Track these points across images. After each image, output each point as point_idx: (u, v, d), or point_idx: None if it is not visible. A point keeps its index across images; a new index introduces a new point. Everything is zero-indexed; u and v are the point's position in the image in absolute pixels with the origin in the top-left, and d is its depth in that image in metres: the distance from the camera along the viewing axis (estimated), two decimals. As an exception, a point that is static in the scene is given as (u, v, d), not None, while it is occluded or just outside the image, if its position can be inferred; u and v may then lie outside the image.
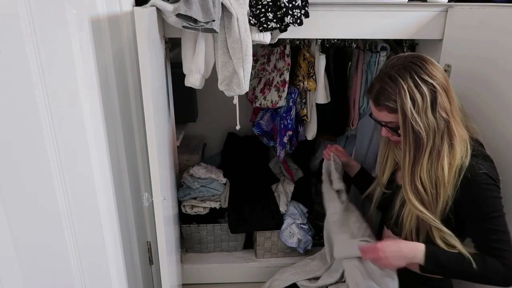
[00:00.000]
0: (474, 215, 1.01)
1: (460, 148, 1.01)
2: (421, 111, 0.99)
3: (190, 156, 2.01)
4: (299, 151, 1.94)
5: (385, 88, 1.03)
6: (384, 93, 1.03)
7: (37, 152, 0.83)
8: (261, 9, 1.25)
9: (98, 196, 1.07)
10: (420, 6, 1.35)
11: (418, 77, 0.99)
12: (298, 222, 1.75)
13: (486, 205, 0.99)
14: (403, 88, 0.99)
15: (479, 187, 0.99)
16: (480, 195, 0.99)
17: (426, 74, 0.99)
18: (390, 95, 1.02)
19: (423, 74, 0.99)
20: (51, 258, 0.89)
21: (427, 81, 0.98)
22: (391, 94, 1.01)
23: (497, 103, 1.16)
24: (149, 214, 1.52)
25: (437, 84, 0.99)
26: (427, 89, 0.98)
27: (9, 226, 0.74)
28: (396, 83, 1.00)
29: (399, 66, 1.02)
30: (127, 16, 1.23)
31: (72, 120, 0.94)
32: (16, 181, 0.77)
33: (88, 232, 1.02)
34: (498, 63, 1.16)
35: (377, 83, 1.06)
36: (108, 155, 1.15)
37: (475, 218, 1.01)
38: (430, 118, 0.99)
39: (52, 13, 0.86)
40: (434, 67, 1.01)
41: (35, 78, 0.80)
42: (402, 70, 1.01)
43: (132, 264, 1.42)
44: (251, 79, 1.74)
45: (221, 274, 1.80)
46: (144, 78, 1.02)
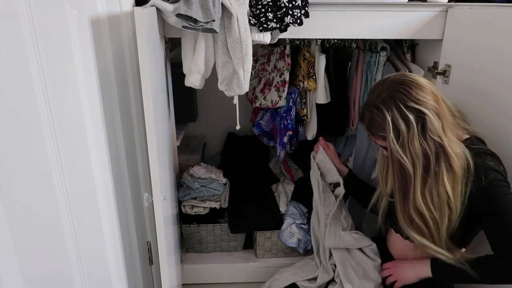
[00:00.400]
0: (490, 213, 1.00)
1: (459, 164, 0.99)
2: (406, 141, 0.97)
3: (190, 156, 2.01)
4: (299, 151, 1.94)
5: (375, 118, 1.03)
6: (375, 124, 1.04)
7: (37, 152, 0.83)
8: (261, 9, 1.25)
9: (98, 196, 1.07)
10: (420, 6, 1.35)
11: (404, 105, 0.97)
12: (298, 222, 1.75)
13: (501, 202, 0.98)
14: (387, 120, 0.98)
15: (492, 186, 0.98)
16: (494, 193, 0.98)
17: (412, 101, 0.97)
18: (381, 125, 1.01)
19: (409, 102, 0.97)
20: (51, 258, 0.89)
21: (414, 107, 0.97)
22: (381, 124, 1.01)
23: (497, 103, 1.16)
24: (149, 214, 1.52)
25: (425, 108, 0.97)
26: (414, 116, 0.96)
27: (9, 226, 0.74)
28: (383, 113, 0.99)
29: (384, 95, 1.01)
30: (127, 16, 1.23)
31: (72, 120, 0.94)
32: (16, 181, 0.77)
33: (88, 232, 1.02)
34: (498, 63, 1.16)
35: (367, 113, 1.06)
36: (108, 155, 1.15)
37: (491, 216, 1.00)
38: (417, 147, 0.97)
39: (52, 13, 0.86)
40: (420, 90, 0.98)
41: (35, 78, 0.80)
42: (387, 100, 0.99)
43: (132, 264, 1.42)
44: (251, 79, 1.74)
45: (221, 274, 1.80)
46: (144, 78, 1.02)
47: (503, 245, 1.00)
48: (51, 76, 0.83)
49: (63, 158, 0.89)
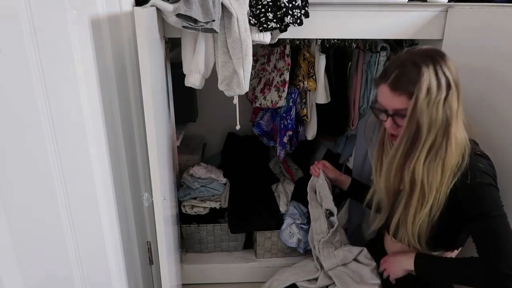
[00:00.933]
0: (476, 215, 1.00)
1: (455, 152, 0.99)
2: (432, 103, 0.96)
3: (190, 156, 2.01)
4: (299, 151, 1.94)
5: (406, 72, 0.99)
6: (404, 78, 0.99)
7: (37, 152, 0.83)
8: (261, 9, 1.25)
9: (98, 196, 1.07)
10: (420, 6, 1.35)
11: (440, 68, 0.97)
12: (298, 222, 1.75)
13: (488, 204, 0.98)
14: (424, 75, 0.96)
15: (480, 188, 0.98)
16: (482, 196, 0.99)
17: (447, 67, 0.97)
18: (412, 80, 0.97)
19: (444, 67, 0.97)
20: (50, 258, 0.89)
21: (446, 75, 0.97)
22: (413, 78, 0.97)
23: (497, 103, 1.17)
24: (149, 214, 1.52)
25: (453, 81, 0.97)
26: (445, 82, 0.96)
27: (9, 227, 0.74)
28: (419, 69, 0.97)
29: (422, 54, 1.00)
30: (127, 16, 1.23)
31: (72, 120, 0.94)
32: (16, 181, 0.77)
33: (88, 232, 1.02)
34: (498, 63, 1.16)
35: (394, 68, 1.01)
36: (108, 155, 1.15)
37: (477, 219, 1.00)
38: (439, 112, 0.97)
39: (52, 13, 0.86)
40: (452, 64, 0.99)
41: (35, 78, 0.80)
42: (425, 58, 0.98)
43: (132, 264, 1.42)
44: (251, 79, 1.74)
45: (221, 274, 1.80)
46: (144, 78, 1.02)
47: (487, 250, 0.99)
48: (51, 76, 0.83)
49: (63, 158, 0.89)
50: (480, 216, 0.99)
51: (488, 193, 0.99)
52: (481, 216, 0.98)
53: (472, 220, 1.01)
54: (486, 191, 0.99)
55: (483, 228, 0.99)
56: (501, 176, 1.04)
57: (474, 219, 1.00)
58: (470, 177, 0.98)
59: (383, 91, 1.04)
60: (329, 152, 2.00)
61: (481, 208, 0.99)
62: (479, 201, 0.99)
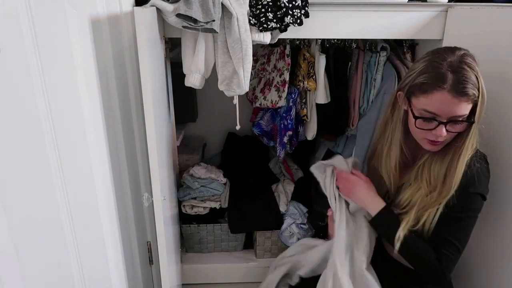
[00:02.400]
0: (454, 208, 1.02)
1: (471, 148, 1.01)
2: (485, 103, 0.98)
3: (190, 156, 2.01)
4: (299, 151, 1.94)
5: (467, 76, 0.93)
6: (469, 81, 0.93)
7: (37, 152, 0.83)
8: (261, 9, 1.25)
9: (98, 196, 1.07)
10: (420, 6, 1.35)
11: (477, 66, 0.97)
12: (298, 222, 1.75)
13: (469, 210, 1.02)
14: (478, 80, 0.95)
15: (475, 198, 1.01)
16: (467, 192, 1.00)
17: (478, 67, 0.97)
18: (475, 83, 0.94)
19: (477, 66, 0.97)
20: (50, 258, 0.89)
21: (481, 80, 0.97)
22: (475, 83, 0.94)
23: (497, 103, 1.16)
24: (149, 214, 1.52)
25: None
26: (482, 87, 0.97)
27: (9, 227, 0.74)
28: (475, 70, 0.95)
29: (466, 55, 0.97)
30: (127, 16, 1.23)
31: (72, 120, 0.94)
32: (16, 181, 0.77)
33: (88, 232, 1.02)
34: (498, 63, 1.15)
35: (450, 74, 0.94)
36: (108, 155, 1.15)
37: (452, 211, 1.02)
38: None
39: (52, 13, 0.86)
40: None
41: (35, 78, 0.80)
42: (471, 59, 0.97)
43: (132, 264, 1.42)
44: (251, 79, 1.74)
45: (221, 274, 1.80)
46: (144, 78, 1.02)
47: (441, 239, 1.03)
48: (51, 76, 0.83)
49: (63, 157, 0.89)
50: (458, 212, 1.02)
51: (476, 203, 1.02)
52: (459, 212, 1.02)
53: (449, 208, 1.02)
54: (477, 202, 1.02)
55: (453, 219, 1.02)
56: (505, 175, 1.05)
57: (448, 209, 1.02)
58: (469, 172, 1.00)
59: (443, 99, 0.95)
60: (329, 152, 2.00)
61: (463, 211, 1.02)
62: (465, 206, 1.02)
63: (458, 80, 0.93)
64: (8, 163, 0.74)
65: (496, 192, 1.11)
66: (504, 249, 1.15)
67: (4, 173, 0.73)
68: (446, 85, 0.94)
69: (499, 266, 1.18)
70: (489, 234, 1.20)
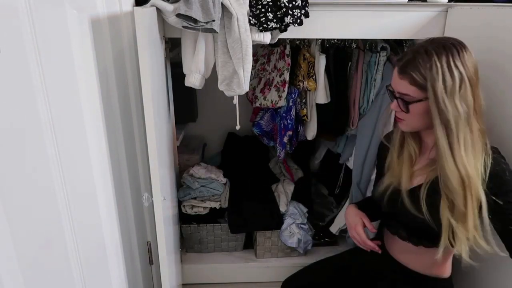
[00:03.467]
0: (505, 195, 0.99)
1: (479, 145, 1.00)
2: (449, 93, 0.96)
3: (190, 156, 2.01)
4: (299, 151, 1.94)
5: (417, 58, 0.99)
6: (413, 63, 1.00)
7: (37, 152, 0.83)
8: (261, 9, 1.25)
9: (98, 196, 1.07)
10: (420, 6, 1.35)
11: (453, 61, 0.96)
12: (298, 222, 1.75)
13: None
14: (436, 65, 0.96)
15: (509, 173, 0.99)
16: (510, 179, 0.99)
17: (460, 61, 0.97)
18: (419, 67, 0.98)
19: (457, 60, 0.97)
20: (50, 258, 0.89)
21: (459, 68, 0.96)
22: (420, 66, 0.98)
23: (497, 104, 1.16)
24: (149, 214, 1.52)
25: (466, 75, 0.97)
26: (457, 75, 0.96)
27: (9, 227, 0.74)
28: (430, 58, 0.97)
29: (439, 43, 1.00)
30: (127, 16, 1.23)
31: (72, 120, 0.94)
32: (16, 182, 0.77)
33: (88, 232, 1.02)
34: (498, 63, 1.16)
35: (410, 53, 1.02)
36: (108, 155, 1.15)
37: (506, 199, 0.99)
38: (457, 104, 0.96)
39: (52, 13, 0.86)
40: (470, 57, 0.99)
41: (35, 78, 0.80)
42: (440, 48, 0.98)
43: (132, 264, 1.42)
44: (251, 79, 1.74)
45: (221, 274, 1.80)
46: (144, 78, 1.02)
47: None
48: (51, 76, 0.83)
49: (63, 158, 0.89)
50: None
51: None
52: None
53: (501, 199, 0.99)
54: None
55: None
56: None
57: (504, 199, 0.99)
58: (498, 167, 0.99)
59: (394, 73, 1.05)
60: (329, 152, 2.00)
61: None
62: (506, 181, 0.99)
63: (407, 59, 1.01)
64: (8, 163, 0.74)
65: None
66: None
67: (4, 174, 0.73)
68: (400, 61, 1.03)
69: (499, 267, 1.18)
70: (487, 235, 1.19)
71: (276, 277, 1.70)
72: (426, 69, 0.97)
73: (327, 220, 1.95)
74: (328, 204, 2.05)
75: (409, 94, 1.02)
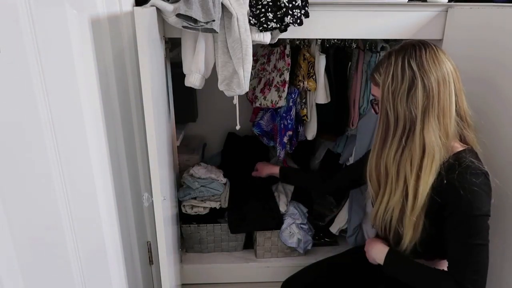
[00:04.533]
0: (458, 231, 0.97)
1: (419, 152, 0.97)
2: (396, 94, 0.97)
3: (190, 156, 2.01)
4: (299, 151, 1.94)
5: (381, 60, 1.04)
6: (377, 65, 1.05)
7: (37, 152, 0.83)
8: (261, 9, 1.25)
9: (98, 196, 1.07)
10: (420, 6, 1.35)
11: (407, 61, 0.96)
12: (298, 222, 1.75)
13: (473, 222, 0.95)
14: (390, 65, 0.98)
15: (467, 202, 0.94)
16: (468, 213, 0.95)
17: (415, 62, 0.95)
18: (379, 68, 1.02)
19: (413, 61, 0.96)
20: (50, 258, 0.89)
21: (413, 68, 0.95)
22: (381, 67, 1.02)
23: (497, 104, 1.16)
24: (149, 214, 1.52)
25: (421, 76, 0.94)
26: (409, 76, 0.95)
27: (9, 227, 0.74)
28: (389, 58, 1.00)
29: (402, 45, 1.01)
30: (127, 16, 1.23)
31: (72, 120, 0.94)
32: (16, 182, 0.77)
33: (88, 232, 1.02)
34: (498, 63, 1.16)
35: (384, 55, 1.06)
36: (108, 155, 1.15)
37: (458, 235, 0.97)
38: (402, 106, 0.96)
39: (52, 13, 0.86)
40: (432, 60, 0.96)
41: (35, 78, 0.80)
42: (399, 49, 1.00)
43: (132, 264, 1.42)
44: (251, 79, 1.74)
45: (221, 274, 1.80)
46: (144, 78, 1.02)
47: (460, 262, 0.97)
48: (51, 76, 0.83)
49: (63, 158, 0.89)
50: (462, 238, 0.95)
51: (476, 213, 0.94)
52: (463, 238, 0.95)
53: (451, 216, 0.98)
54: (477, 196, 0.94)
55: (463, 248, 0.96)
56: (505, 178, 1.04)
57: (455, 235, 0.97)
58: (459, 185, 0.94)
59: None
60: (329, 152, 2.00)
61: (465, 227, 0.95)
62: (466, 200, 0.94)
63: (378, 62, 1.06)
64: (8, 163, 0.74)
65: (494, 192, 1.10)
66: (504, 252, 1.15)
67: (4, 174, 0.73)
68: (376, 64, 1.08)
69: (499, 270, 1.18)
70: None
71: (276, 277, 1.70)
72: (382, 69, 1.00)
73: (327, 220, 1.95)
74: (328, 204, 2.05)
75: (375, 94, 1.06)
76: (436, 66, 0.96)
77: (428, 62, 0.96)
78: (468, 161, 0.97)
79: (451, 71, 0.98)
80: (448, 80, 0.97)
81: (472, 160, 0.97)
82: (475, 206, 0.94)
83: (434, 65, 0.96)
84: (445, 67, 0.97)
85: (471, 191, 0.93)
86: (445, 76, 0.96)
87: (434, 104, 0.95)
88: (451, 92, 0.97)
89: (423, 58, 0.96)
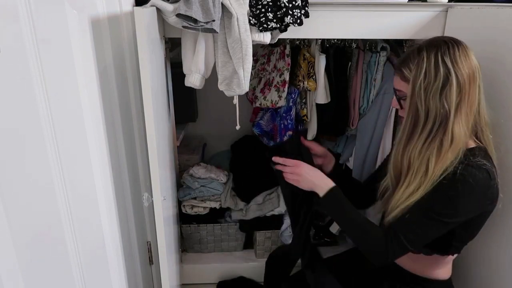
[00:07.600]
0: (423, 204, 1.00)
1: (450, 148, 0.98)
2: (429, 90, 0.97)
3: (190, 156, 2.01)
4: (299, 151, 1.93)
5: (409, 55, 1.03)
6: (405, 60, 1.03)
7: (37, 152, 0.83)
8: (261, 9, 1.25)
9: (98, 196, 1.07)
10: (420, 6, 1.35)
11: (441, 57, 0.97)
12: (298, 222, 1.75)
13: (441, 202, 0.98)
14: (423, 61, 0.98)
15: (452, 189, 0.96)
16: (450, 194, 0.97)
17: (449, 58, 0.97)
18: (409, 63, 1.01)
19: (446, 57, 0.97)
20: (50, 258, 0.89)
21: (447, 65, 0.96)
22: (410, 62, 1.01)
23: (497, 104, 1.16)
24: (149, 214, 1.52)
25: (455, 72, 0.96)
26: (443, 72, 0.96)
27: (9, 227, 0.74)
28: (419, 53, 1.00)
29: (432, 41, 1.02)
30: (127, 16, 1.23)
31: (72, 120, 0.94)
32: (16, 182, 0.77)
33: (88, 232, 1.02)
34: (498, 63, 1.15)
35: (407, 50, 1.06)
36: (108, 155, 1.15)
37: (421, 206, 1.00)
38: (435, 101, 0.97)
39: (52, 13, 0.86)
40: (464, 56, 0.98)
41: (35, 78, 0.80)
42: (430, 45, 1.00)
43: (132, 264, 1.42)
44: (251, 79, 1.74)
45: (221, 274, 1.80)
46: (144, 78, 1.02)
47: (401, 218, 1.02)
48: (51, 76, 0.83)
49: (63, 157, 0.89)
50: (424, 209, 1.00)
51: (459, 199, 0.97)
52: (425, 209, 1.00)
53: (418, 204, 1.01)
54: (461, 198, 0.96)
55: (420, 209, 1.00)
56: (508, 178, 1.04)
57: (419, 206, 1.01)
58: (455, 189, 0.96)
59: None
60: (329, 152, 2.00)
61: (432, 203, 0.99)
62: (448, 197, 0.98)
63: (402, 57, 1.06)
64: (8, 164, 0.74)
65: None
66: (500, 255, 1.15)
67: (4, 174, 0.73)
68: (400, 58, 1.08)
69: (496, 270, 1.18)
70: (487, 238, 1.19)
71: (276, 277, 1.70)
72: (413, 64, 1.00)
73: (327, 220, 1.95)
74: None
75: (401, 90, 1.05)
76: (467, 62, 0.98)
77: (461, 58, 0.97)
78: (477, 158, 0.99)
79: (477, 68, 1.00)
80: (476, 76, 1.00)
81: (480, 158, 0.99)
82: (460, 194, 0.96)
83: (466, 61, 0.98)
84: (474, 63, 1.00)
85: (465, 182, 0.95)
86: (474, 72, 0.99)
87: (465, 99, 0.98)
88: (479, 88, 1.00)
89: (457, 55, 0.97)
